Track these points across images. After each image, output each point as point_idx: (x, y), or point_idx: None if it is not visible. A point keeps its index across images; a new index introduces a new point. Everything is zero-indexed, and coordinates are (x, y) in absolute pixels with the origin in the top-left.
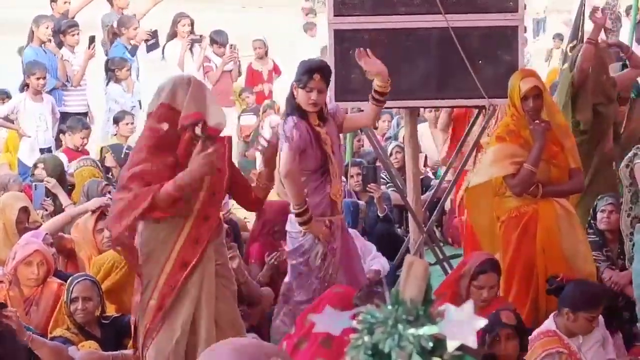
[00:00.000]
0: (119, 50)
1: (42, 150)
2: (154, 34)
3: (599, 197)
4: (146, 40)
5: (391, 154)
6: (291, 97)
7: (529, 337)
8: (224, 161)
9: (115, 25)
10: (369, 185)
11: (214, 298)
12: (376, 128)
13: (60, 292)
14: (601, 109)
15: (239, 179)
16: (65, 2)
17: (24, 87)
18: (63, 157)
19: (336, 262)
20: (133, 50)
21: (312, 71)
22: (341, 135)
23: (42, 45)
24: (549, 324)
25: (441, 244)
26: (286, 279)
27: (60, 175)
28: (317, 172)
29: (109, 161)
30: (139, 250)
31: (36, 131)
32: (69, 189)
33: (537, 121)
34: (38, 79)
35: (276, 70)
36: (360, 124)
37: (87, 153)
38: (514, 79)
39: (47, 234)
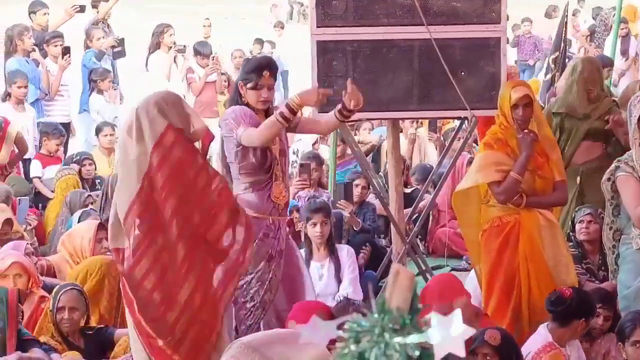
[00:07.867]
0: (88, 57)
1: (24, 161)
2: (121, 42)
3: (576, 209)
4: (113, 47)
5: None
6: (237, 97)
7: (525, 348)
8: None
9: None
10: (338, 202)
11: None
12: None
13: (41, 304)
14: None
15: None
16: (44, 14)
17: (6, 96)
18: (37, 164)
19: (281, 265)
20: (99, 56)
21: (262, 68)
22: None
23: (27, 55)
24: (545, 335)
25: (424, 255)
26: None
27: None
28: (261, 172)
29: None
30: None
31: None
32: (41, 197)
33: (526, 131)
34: (19, 87)
35: None
36: (315, 131)
37: (60, 160)
38: (505, 88)
39: (28, 243)
